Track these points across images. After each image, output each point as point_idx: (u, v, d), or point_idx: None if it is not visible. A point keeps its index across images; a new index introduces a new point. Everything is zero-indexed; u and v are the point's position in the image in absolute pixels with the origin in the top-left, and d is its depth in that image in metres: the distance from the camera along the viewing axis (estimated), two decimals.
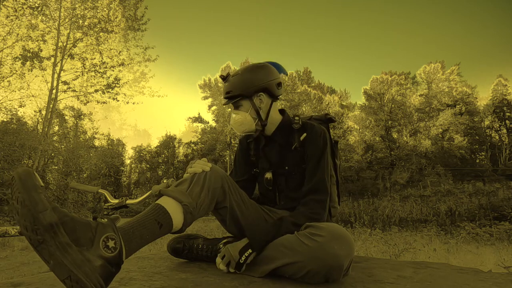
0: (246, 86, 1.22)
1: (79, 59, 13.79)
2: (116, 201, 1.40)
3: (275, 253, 0.97)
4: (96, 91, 14.07)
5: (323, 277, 0.90)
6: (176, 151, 27.79)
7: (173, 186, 0.95)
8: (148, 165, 26.73)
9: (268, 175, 1.27)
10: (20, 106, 13.20)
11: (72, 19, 13.52)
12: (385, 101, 23.75)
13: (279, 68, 1.39)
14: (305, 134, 1.21)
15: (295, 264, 0.91)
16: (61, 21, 13.31)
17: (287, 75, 1.52)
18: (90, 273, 0.64)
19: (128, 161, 26.92)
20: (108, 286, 0.68)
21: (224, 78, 1.24)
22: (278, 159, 1.25)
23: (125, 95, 14.81)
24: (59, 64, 13.29)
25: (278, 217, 1.14)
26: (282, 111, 1.32)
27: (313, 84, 28.96)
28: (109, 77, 14.22)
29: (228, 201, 1.08)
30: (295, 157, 1.21)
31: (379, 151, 23.19)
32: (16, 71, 12.54)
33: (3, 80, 12.36)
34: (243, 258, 0.97)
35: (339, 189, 1.36)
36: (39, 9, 12.54)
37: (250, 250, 0.98)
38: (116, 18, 14.23)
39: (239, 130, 1.27)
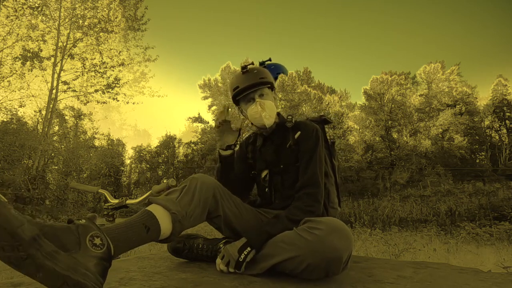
0: (270, 78, 1.28)
1: (79, 59, 13.79)
2: (116, 201, 1.41)
3: (275, 250, 0.97)
4: (96, 91, 14.07)
5: (322, 270, 0.90)
6: (176, 151, 27.76)
7: (163, 195, 0.96)
8: (148, 165, 26.71)
9: (264, 173, 1.30)
10: (20, 106, 13.20)
11: (72, 19, 13.52)
12: (385, 101, 23.74)
13: (282, 69, 1.43)
14: (299, 133, 1.24)
15: (294, 258, 0.92)
16: (61, 21, 13.31)
17: (287, 75, 1.55)
18: (87, 272, 0.64)
19: (128, 161, 26.89)
20: (105, 281, 0.69)
21: (246, 67, 1.27)
22: (274, 158, 1.28)
23: (125, 95, 14.82)
24: (59, 64, 13.29)
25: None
26: (277, 113, 1.36)
27: (313, 84, 28.94)
28: (109, 77, 14.22)
29: (221, 209, 1.09)
30: (290, 155, 1.24)
31: (379, 151, 23.17)
32: (16, 71, 12.54)
33: (3, 80, 12.36)
34: (242, 257, 0.98)
35: (339, 190, 1.37)
36: (39, 9, 12.54)
37: (249, 248, 0.99)
38: (116, 18, 14.23)
39: (269, 116, 1.24)
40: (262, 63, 1.43)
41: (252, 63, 1.32)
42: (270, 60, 1.46)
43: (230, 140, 1.27)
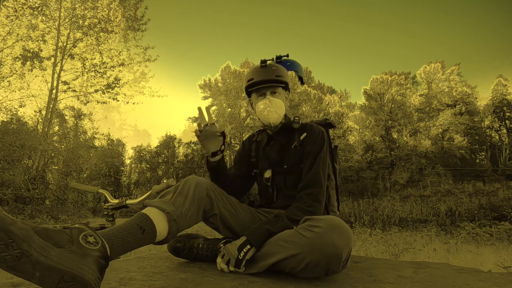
0: (287, 78, 1.29)
1: (79, 59, 13.77)
2: (116, 201, 1.41)
3: (275, 248, 0.97)
4: (96, 91, 14.05)
5: (323, 268, 0.90)
6: (176, 151, 27.76)
7: (157, 198, 0.97)
8: (148, 165, 26.70)
9: (268, 173, 1.30)
10: (20, 106, 13.18)
11: (72, 19, 13.51)
12: (385, 101, 23.74)
13: (298, 68, 1.42)
14: (305, 134, 1.25)
15: (294, 257, 0.92)
16: (61, 21, 13.30)
17: (303, 75, 1.53)
18: (83, 266, 0.63)
19: (128, 161, 26.88)
20: (103, 279, 0.68)
21: (265, 61, 1.27)
22: (278, 158, 1.28)
23: (125, 95, 14.80)
24: (59, 64, 13.28)
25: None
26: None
27: (313, 84, 28.94)
28: (109, 77, 14.21)
29: (217, 208, 1.09)
30: (294, 156, 1.25)
31: (379, 151, 23.17)
32: (16, 71, 12.53)
33: (3, 80, 12.35)
34: (242, 254, 0.98)
35: (338, 194, 1.38)
36: (39, 9, 12.52)
37: (248, 246, 0.99)
38: (116, 18, 14.22)
39: (275, 114, 1.24)
40: (278, 58, 1.41)
41: (272, 59, 1.32)
42: (287, 56, 1.43)
43: (215, 146, 1.21)
